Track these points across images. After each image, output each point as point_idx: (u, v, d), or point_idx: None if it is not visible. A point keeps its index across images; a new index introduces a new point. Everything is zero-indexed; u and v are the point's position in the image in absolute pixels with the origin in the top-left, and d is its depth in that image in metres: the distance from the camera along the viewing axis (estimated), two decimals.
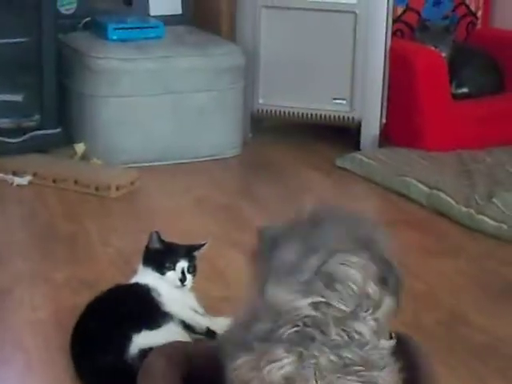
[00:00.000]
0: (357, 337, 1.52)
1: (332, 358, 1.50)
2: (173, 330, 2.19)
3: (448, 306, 2.66)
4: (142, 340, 2.12)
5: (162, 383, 1.82)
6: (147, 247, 2.34)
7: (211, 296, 2.50)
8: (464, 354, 2.36)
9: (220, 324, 2.25)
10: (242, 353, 1.58)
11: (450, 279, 2.86)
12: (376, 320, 1.59)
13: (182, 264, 2.31)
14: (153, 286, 2.28)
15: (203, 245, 2.38)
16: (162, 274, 2.30)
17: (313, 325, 1.53)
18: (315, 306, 1.54)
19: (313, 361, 1.51)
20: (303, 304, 1.55)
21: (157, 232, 2.34)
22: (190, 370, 1.88)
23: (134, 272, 2.37)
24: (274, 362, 1.52)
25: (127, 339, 2.11)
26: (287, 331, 1.53)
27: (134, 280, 2.35)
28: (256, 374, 1.54)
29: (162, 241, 2.34)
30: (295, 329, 1.53)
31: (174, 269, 2.30)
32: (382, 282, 1.62)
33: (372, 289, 1.61)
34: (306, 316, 1.53)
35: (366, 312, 1.58)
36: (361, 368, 1.51)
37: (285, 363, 1.51)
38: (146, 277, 2.31)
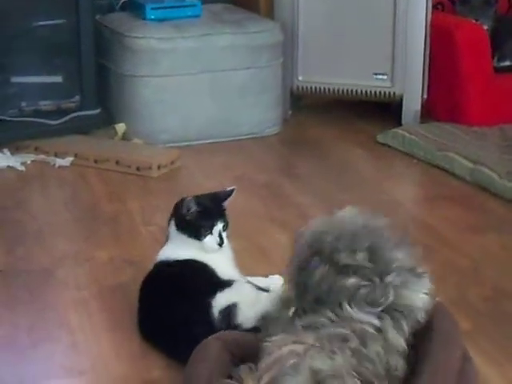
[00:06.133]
0: None
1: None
2: (243, 286, 2.22)
3: (492, 281, 2.63)
4: (220, 301, 2.14)
5: (213, 365, 1.82)
6: (181, 214, 2.29)
7: (254, 274, 2.48)
8: (510, 328, 2.34)
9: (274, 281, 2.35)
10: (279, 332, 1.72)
11: (494, 254, 2.82)
12: None
13: (219, 227, 2.29)
14: (200, 259, 2.27)
15: (231, 192, 2.35)
16: (199, 239, 2.28)
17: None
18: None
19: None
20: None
21: (192, 198, 2.28)
22: (244, 360, 1.87)
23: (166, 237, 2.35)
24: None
25: (208, 306, 2.13)
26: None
27: (167, 246, 2.33)
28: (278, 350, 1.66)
29: (198, 203, 2.28)
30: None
31: (211, 233, 2.28)
32: None
33: None
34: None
35: None
36: None
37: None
38: (184, 246, 2.28)
